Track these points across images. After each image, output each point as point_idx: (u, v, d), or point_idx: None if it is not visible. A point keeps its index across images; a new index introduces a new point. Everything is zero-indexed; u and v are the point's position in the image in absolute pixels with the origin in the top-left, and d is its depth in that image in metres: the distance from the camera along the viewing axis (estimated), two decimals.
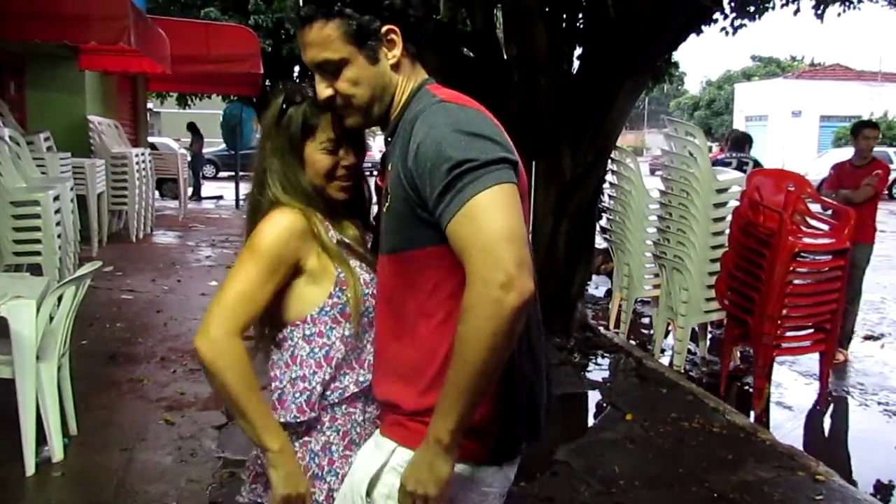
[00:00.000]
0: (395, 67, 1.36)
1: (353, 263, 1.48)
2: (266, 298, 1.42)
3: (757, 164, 6.25)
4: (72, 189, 6.21)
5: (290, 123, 1.47)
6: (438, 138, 1.21)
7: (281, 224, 1.43)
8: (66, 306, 3.17)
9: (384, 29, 1.32)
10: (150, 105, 17.60)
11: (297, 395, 1.47)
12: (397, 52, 1.35)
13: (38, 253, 5.37)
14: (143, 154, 9.20)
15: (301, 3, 1.32)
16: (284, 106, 1.48)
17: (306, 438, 1.48)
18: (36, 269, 5.20)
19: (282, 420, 1.46)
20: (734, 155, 6.38)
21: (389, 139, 1.41)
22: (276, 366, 1.51)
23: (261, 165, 1.51)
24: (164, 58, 6.95)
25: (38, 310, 2.99)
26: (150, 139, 15.08)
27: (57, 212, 5.52)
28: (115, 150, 8.68)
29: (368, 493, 1.37)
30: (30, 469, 3.04)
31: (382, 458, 1.36)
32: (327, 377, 1.47)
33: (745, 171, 5.67)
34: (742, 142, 6.62)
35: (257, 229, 1.45)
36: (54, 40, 6.13)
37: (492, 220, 1.16)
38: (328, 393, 1.48)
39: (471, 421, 1.24)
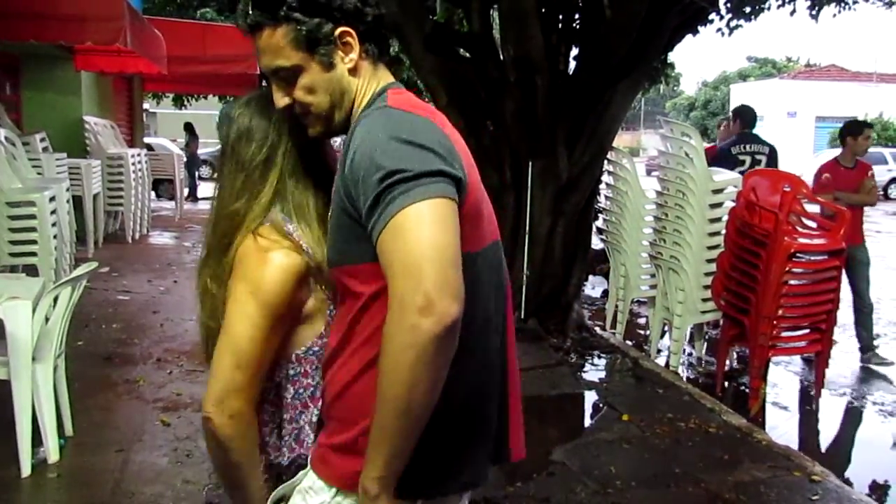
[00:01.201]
0: (354, 72, 1.26)
1: None
2: (273, 351, 1.35)
3: (773, 154, 5.67)
4: (68, 190, 6.20)
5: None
6: (373, 146, 1.12)
7: (284, 267, 1.33)
8: (62, 307, 3.17)
9: (337, 32, 1.23)
10: (146, 105, 17.56)
11: (287, 437, 1.41)
12: (354, 55, 1.25)
13: (33, 254, 5.36)
14: (139, 155, 9.19)
15: (248, 10, 1.25)
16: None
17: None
18: (32, 270, 5.19)
19: (276, 461, 1.41)
20: (747, 148, 5.65)
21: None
22: (262, 410, 1.42)
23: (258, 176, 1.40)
24: (160, 58, 6.95)
25: (34, 310, 2.99)
26: (147, 140, 15.05)
27: (53, 212, 5.51)
28: (111, 151, 8.66)
29: None
30: (26, 470, 3.03)
31: (301, 478, 1.32)
32: (314, 418, 1.40)
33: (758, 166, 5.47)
34: (753, 119, 5.90)
35: (257, 273, 1.32)
36: (50, 41, 6.13)
37: (417, 238, 1.05)
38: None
39: (402, 466, 1.12)
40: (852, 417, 4.59)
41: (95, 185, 7.87)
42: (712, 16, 7.43)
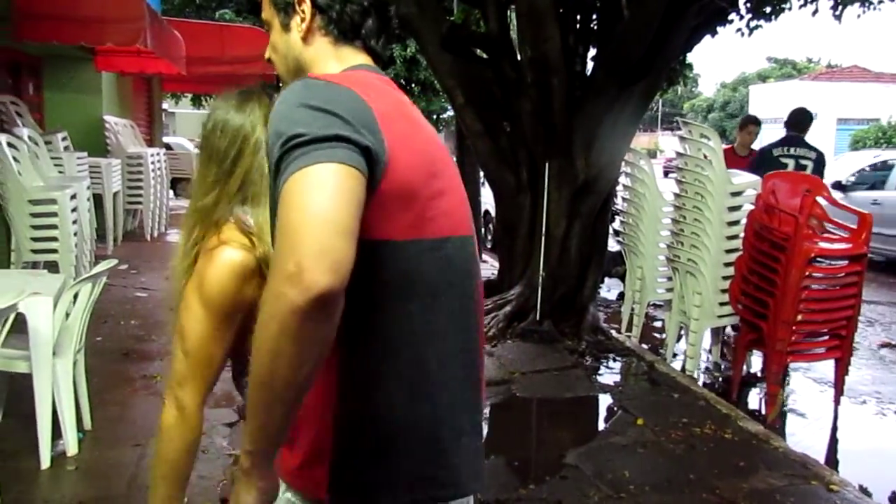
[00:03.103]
0: (306, 42, 1.23)
1: None
2: (225, 347, 1.37)
3: (821, 160, 5.29)
4: (88, 188, 6.28)
5: None
6: (281, 113, 1.05)
7: (228, 265, 1.35)
8: (82, 303, 3.21)
9: None
10: (164, 105, 17.72)
11: None
12: (304, 25, 1.22)
13: (54, 251, 5.44)
14: (158, 154, 9.27)
15: None
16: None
17: None
18: (53, 267, 5.26)
19: None
20: (791, 151, 5.30)
21: None
22: None
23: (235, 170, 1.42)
24: (179, 59, 7.00)
25: (54, 306, 3.03)
26: (165, 139, 15.19)
27: (73, 210, 5.58)
28: (131, 150, 8.76)
29: None
30: (45, 462, 3.08)
31: None
32: None
33: (804, 170, 5.17)
34: (805, 123, 5.48)
35: (203, 271, 1.37)
36: (71, 42, 6.20)
37: (299, 203, 0.96)
38: None
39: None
40: (872, 425, 4.53)
41: (115, 184, 7.96)
42: (732, 16, 7.38)
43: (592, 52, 6.17)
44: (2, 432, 3.21)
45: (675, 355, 5.34)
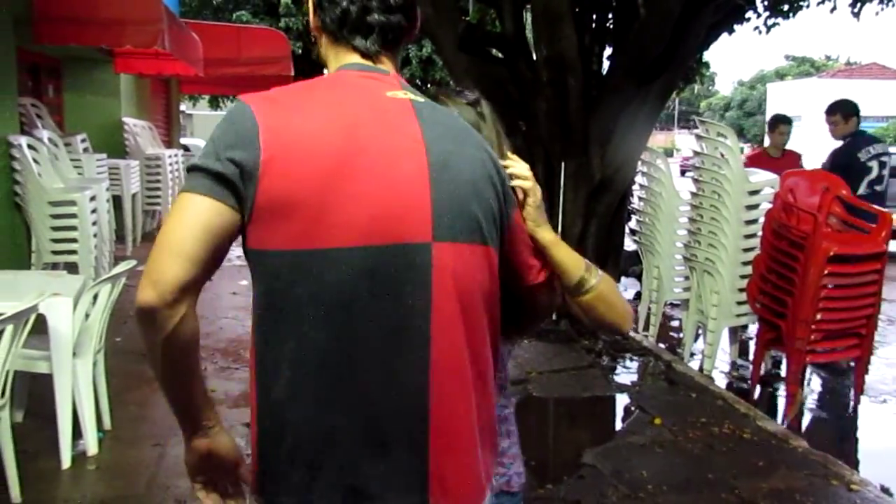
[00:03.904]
0: (318, 41, 1.29)
1: None
2: None
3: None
4: (107, 189, 6.34)
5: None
6: None
7: None
8: (102, 304, 3.24)
9: None
10: (182, 107, 17.86)
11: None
12: (313, 25, 1.28)
13: (74, 252, 5.50)
14: (176, 155, 9.36)
15: None
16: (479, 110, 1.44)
17: None
18: (72, 268, 5.32)
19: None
20: (872, 152, 4.94)
21: None
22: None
23: None
24: (196, 61, 7.06)
25: (74, 307, 3.07)
26: (183, 140, 15.31)
27: (93, 211, 5.64)
28: (149, 152, 8.84)
29: None
30: (65, 462, 3.12)
31: None
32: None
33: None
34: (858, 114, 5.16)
35: None
36: (91, 44, 6.27)
37: (164, 226, 1.11)
38: None
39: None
40: (893, 425, 4.47)
41: (134, 185, 8.03)
42: (749, 14, 7.32)
43: (608, 51, 6.14)
44: (23, 432, 3.24)
45: (692, 355, 5.31)
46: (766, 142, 6.05)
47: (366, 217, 1.09)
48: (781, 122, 5.88)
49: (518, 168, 1.30)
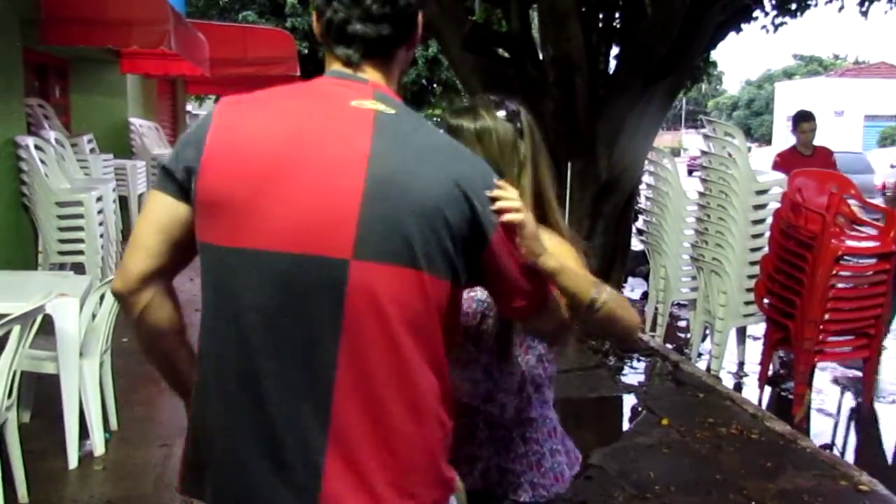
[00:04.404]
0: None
1: None
2: None
3: None
4: (114, 190, 6.35)
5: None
6: None
7: None
8: (109, 305, 3.24)
9: None
10: (188, 107, 17.91)
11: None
12: (315, 29, 1.26)
13: (81, 252, 5.51)
14: None
15: None
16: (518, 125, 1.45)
17: None
18: (79, 268, 5.33)
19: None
20: None
21: None
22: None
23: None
24: (203, 61, 7.06)
25: (81, 308, 3.07)
26: None
27: (100, 212, 5.65)
28: (156, 152, 8.86)
29: None
30: (72, 462, 3.12)
31: None
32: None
33: None
34: None
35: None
36: (98, 45, 6.28)
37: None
38: None
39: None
40: None
41: (140, 186, 8.05)
42: (756, 13, 7.29)
43: (615, 50, 6.13)
44: (30, 433, 3.25)
45: (700, 355, 5.29)
46: (797, 140, 5.72)
47: (290, 224, 1.08)
48: (803, 120, 5.65)
49: (505, 202, 1.16)
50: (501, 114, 1.42)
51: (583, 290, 1.31)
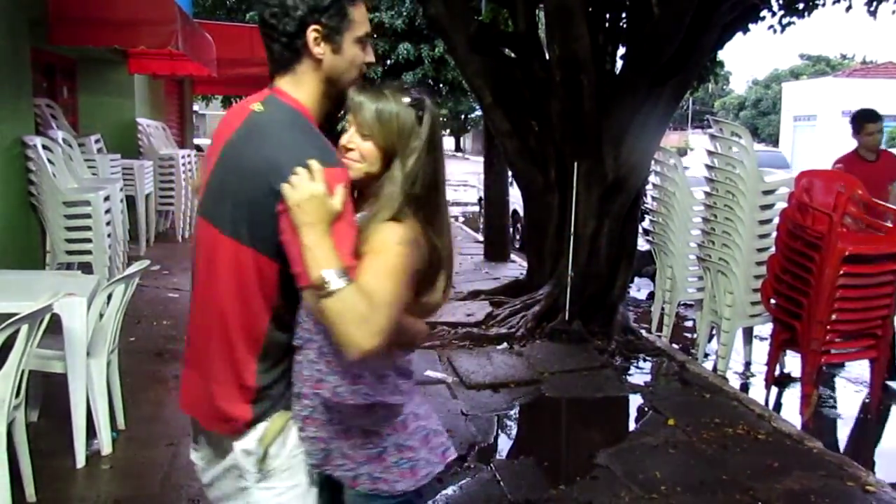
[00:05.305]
0: None
1: None
2: None
3: None
4: (121, 190, 6.37)
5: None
6: None
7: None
8: (116, 304, 3.26)
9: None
10: (195, 107, 17.96)
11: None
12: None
13: (88, 252, 5.53)
14: (189, 155, 9.39)
15: None
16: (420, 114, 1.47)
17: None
18: (87, 268, 5.35)
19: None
20: None
21: None
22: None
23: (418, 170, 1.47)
24: (210, 61, 7.09)
25: (88, 307, 3.08)
26: (196, 141, 15.38)
27: (107, 212, 5.67)
28: (163, 152, 8.88)
29: None
30: (80, 461, 3.14)
31: None
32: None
33: None
34: None
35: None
36: (105, 45, 6.31)
37: None
38: None
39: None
40: None
41: (147, 185, 8.08)
42: (764, 13, 7.26)
43: (622, 50, 6.11)
44: (37, 432, 3.27)
45: (706, 355, 5.28)
46: (859, 144, 4.98)
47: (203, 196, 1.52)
48: (867, 121, 4.89)
49: (293, 179, 1.34)
50: (406, 100, 1.46)
51: (319, 261, 1.31)
